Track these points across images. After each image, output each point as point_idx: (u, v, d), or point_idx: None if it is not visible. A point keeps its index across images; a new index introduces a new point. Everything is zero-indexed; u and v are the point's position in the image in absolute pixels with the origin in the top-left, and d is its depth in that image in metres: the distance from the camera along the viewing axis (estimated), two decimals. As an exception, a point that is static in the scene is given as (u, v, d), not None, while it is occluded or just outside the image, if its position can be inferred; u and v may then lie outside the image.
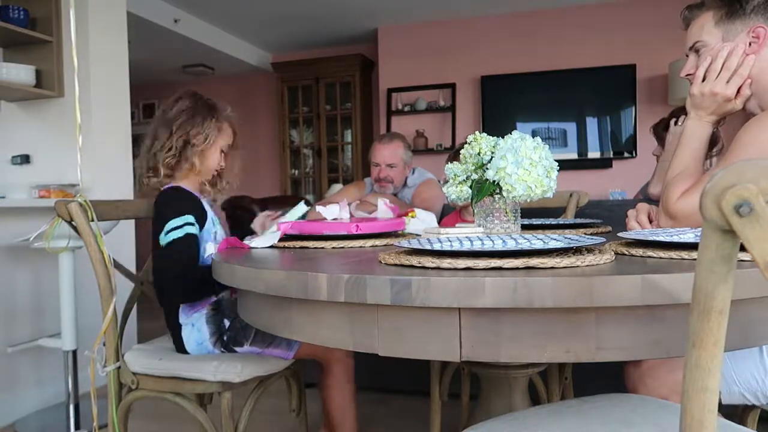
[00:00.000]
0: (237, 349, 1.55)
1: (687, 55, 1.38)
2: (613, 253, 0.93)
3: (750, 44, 1.26)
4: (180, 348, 1.58)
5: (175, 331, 1.59)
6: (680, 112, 2.57)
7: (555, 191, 1.21)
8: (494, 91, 5.20)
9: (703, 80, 1.28)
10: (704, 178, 1.26)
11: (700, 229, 0.81)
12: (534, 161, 1.15)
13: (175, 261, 1.48)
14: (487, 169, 1.20)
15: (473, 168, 1.27)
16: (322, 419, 1.92)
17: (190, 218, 1.54)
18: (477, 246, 0.93)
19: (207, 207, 1.68)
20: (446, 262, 0.83)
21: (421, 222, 1.65)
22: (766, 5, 1.26)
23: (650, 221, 1.34)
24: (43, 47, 2.97)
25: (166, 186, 1.64)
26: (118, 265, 1.64)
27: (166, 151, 1.61)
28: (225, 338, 1.56)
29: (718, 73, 1.26)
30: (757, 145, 1.17)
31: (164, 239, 1.50)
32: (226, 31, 5.48)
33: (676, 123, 2.51)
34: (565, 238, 0.99)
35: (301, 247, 1.28)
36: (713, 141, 1.37)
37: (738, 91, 1.26)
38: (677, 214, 1.22)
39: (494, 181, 1.19)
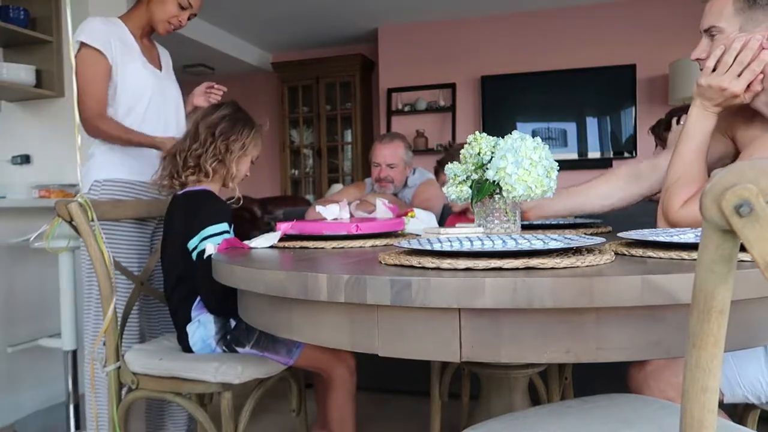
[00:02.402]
0: (238, 349, 1.55)
1: (701, 32, 1.29)
2: (613, 253, 0.93)
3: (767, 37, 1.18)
4: (184, 344, 1.58)
5: (182, 325, 1.59)
6: (679, 111, 2.56)
7: (555, 191, 1.21)
8: (494, 91, 5.20)
9: (714, 71, 1.21)
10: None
11: (700, 229, 0.81)
12: (534, 161, 1.15)
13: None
14: (487, 169, 1.20)
15: (473, 168, 1.27)
16: (315, 419, 1.92)
17: (226, 226, 1.55)
18: (477, 246, 0.93)
19: None
20: (446, 263, 0.83)
21: (421, 222, 1.65)
22: None
23: None
24: (43, 47, 2.97)
25: (197, 188, 1.65)
26: (118, 265, 1.65)
27: (211, 154, 1.65)
28: (228, 337, 1.56)
29: (729, 67, 1.18)
30: None
31: (198, 244, 1.50)
32: (226, 31, 5.48)
33: (678, 122, 2.49)
34: (565, 238, 0.99)
35: (301, 247, 1.28)
36: None
37: (748, 87, 1.19)
38: (679, 224, 1.20)
39: (494, 181, 1.19)
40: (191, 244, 1.52)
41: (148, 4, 2.00)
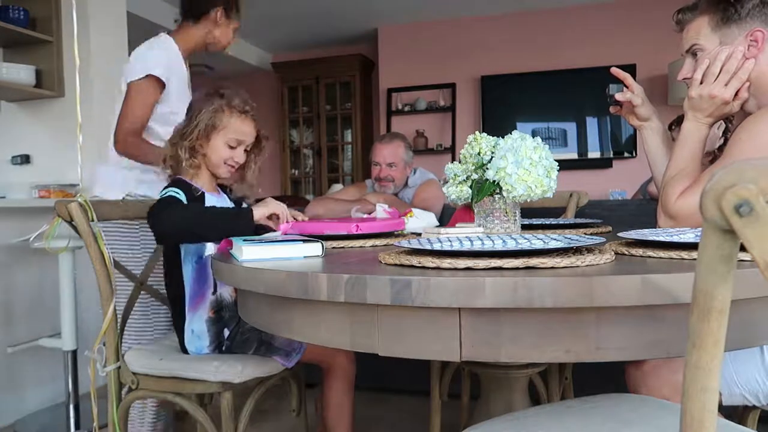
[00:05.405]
0: None
1: (682, 55, 1.38)
2: (613, 253, 0.93)
3: (749, 48, 1.26)
4: (183, 347, 1.58)
5: (180, 326, 1.58)
6: (673, 123, 2.58)
7: (555, 191, 1.21)
8: (494, 91, 5.20)
9: (701, 83, 1.28)
10: (703, 176, 1.26)
11: (700, 229, 0.81)
12: (534, 161, 1.15)
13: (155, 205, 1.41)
14: (487, 169, 1.20)
15: (473, 168, 1.27)
16: (318, 422, 1.92)
17: (176, 190, 1.47)
18: (477, 246, 0.93)
19: (214, 202, 1.60)
20: (446, 262, 0.83)
21: (420, 221, 1.65)
22: (762, 8, 1.26)
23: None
24: (43, 47, 2.97)
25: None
26: (118, 265, 1.64)
27: (187, 139, 1.55)
28: (224, 348, 1.55)
29: (717, 76, 1.26)
30: (755, 143, 1.18)
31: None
32: (226, 31, 5.48)
33: (671, 129, 2.51)
34: (565, 238, 0.99)
35: (301, 247, 1.27)
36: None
37: (736, 94, 1.26)
38: (678, 215, 1.23)
39: (494, 181, 1.19)
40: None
41: (209, 27, 2.11)
